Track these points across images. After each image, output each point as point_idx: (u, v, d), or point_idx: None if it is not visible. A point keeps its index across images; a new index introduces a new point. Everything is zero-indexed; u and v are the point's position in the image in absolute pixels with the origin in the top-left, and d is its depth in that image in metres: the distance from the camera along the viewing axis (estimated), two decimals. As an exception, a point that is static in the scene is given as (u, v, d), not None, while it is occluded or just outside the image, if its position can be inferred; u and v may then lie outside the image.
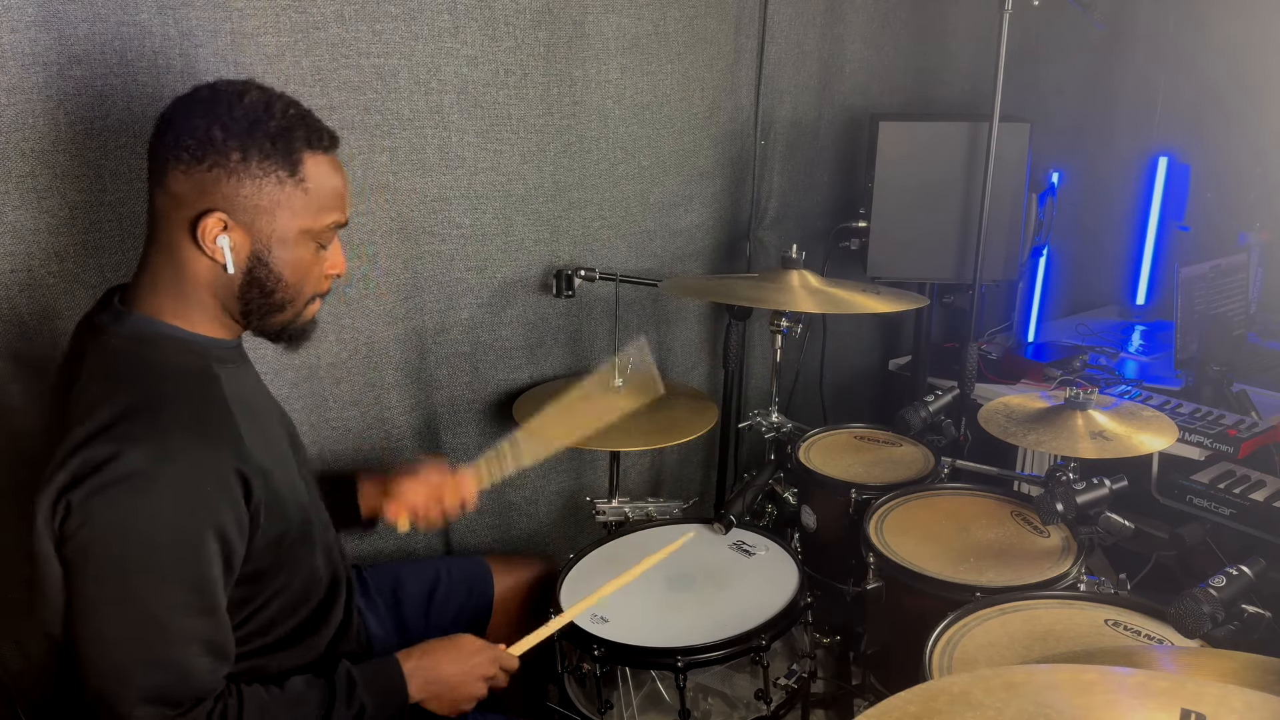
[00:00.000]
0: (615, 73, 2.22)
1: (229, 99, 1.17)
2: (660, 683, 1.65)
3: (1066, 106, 3.23)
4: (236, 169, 1.16)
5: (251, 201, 1.17)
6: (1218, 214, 3.20)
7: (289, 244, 1.21)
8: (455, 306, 2.10)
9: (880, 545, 1.70)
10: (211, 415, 1.19)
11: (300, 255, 1.23)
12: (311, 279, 1.27)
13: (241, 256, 1.20)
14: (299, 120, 1.21)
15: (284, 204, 1.19)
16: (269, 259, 1.21)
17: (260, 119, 1.17)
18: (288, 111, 1.20)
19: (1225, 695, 0.84)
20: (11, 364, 1.55)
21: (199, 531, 1.12)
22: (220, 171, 1.16)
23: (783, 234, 2.72)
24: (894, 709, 0.85)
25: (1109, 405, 1.79)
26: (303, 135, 1.20)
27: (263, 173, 1.17)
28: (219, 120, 1.16)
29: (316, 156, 1.21)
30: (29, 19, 1.45)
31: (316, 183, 1.21)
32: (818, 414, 2.88)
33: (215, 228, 1.17)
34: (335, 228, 1.26)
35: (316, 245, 1.25)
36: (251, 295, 1.22)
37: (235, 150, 1.15)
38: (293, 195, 1.20)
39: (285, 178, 1.19)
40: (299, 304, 1.27)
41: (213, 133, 1.15)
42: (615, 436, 2.02)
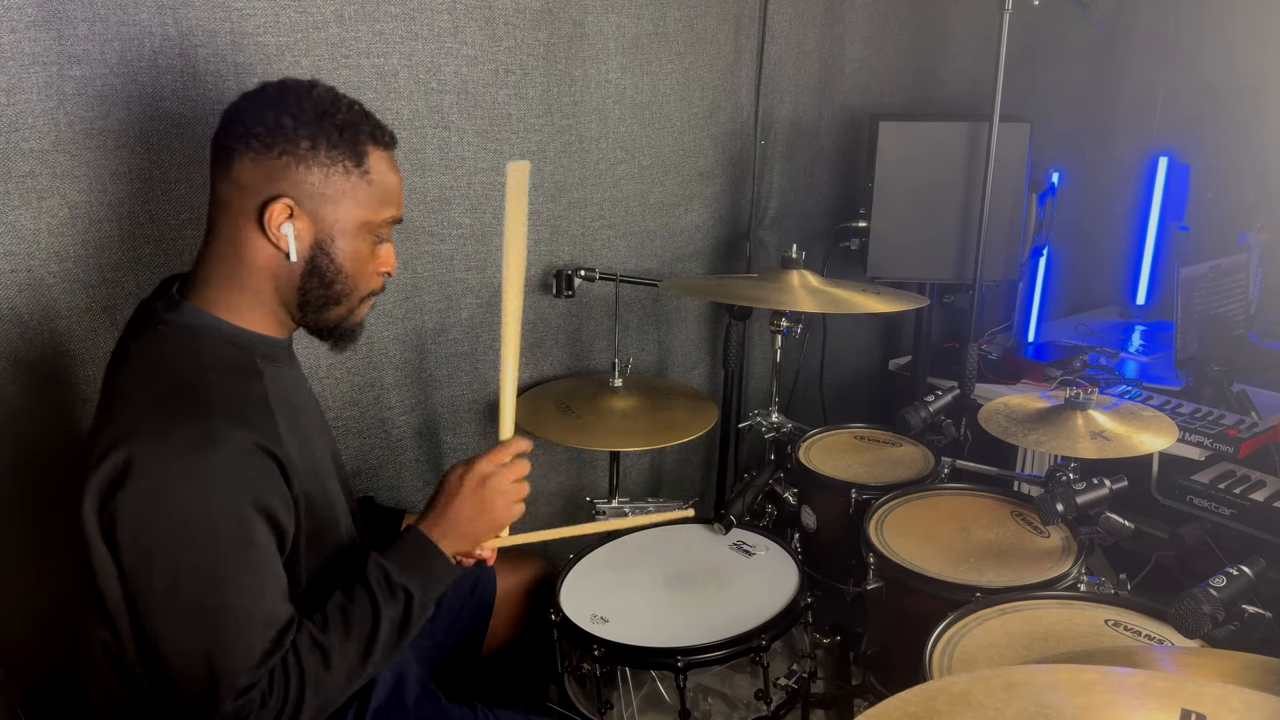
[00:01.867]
0: (615, 73, 2.22)
1: (298, 92, 1.21)
2: (660, 683, 1.65)
3: (1066, 106, 3.23)
4: (306, 156, 1.19)
5: (319, 189, 1.20)
6: (1218, 214, 3.20)
7: (350, 235, 1.24)
8: (455, 306, 2.10)
9: (880, 545, 1.70)
10: (249, 405, 1.19)
11: (359, 247, 1.26)
12: (367, 274, 1.29)
13: (305, 244, 1.22)
14: (364, 116, 1.25)
15: (349, 194, 1.22)
16: (331, 248, 1.23)
17: (329, 111, 1.21)
18: (353, 107, 1.25)
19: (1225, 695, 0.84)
20: (11, 364, 1.55)
21: (249, 512, 1.13)
22: (290, 159, 1.19)
23: (783, 234, 2.72)
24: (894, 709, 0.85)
25: (1109, 405, 1.79)
26: (368, 130, 1.24)
27: (330, 161, 1.20)
28: (289, 110, 1.19)
29: (379, 152, 1.25)
30: (29, 19, 1.45)
31: (379, 176, 1.25)
32: (818, 414, 2.88)
33: (282, 214, 1.19)
34: (392, 223, 1.29)
35: (374, 239, 1.27)
36: (311, 285, 1.24)
37: (305, 138, 1.19)
38: (358, 186, 1.23)
39: (351, 168, 1.22)
40: (354, 299, 1.29)
41: (283, 121, 1.18)
42: (615, 436, 2.02)
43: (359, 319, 1.33)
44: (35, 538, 1.61)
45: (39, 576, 1.62)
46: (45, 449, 1.60)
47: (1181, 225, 3.31)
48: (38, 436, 1.59)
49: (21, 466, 1.59)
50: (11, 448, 1.58)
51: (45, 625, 1.65)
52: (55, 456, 1.61)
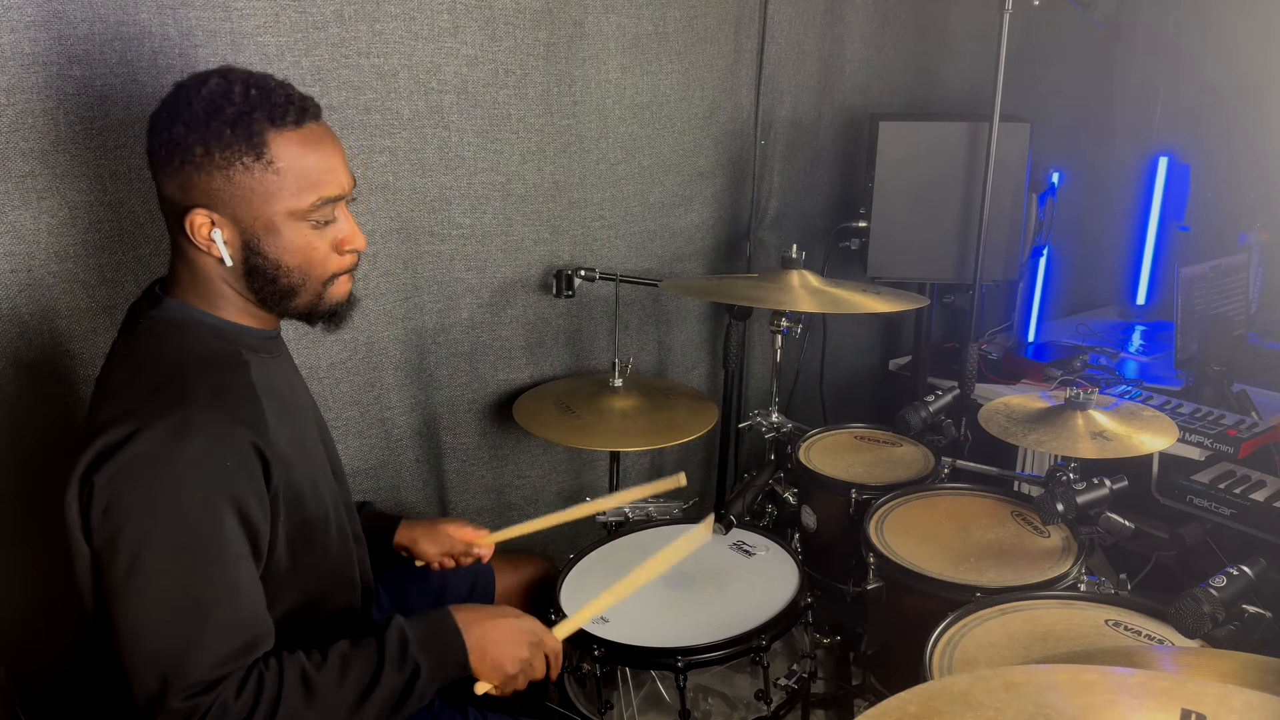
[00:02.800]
0: (615, 73, 2.22)
1: (190, 93, 1.15)
2: (660, 683, 1.65)
3: (1066, 106, 3.23)
4: (202, 163, 1.14)
5: (226, 193, 1.15)
6: (1218, 214, 3.20)
7: (276, 229, 1.18)
8: (455, 306, 2.10)
9: (880, 545, 1.70)
10: (233, 395, 1.18)
11: (293, 238, 1.19)
12: (317, 259, 1.22)
13: (235, 247, 1.19)
14: (260, 100, 1.16)
15: (257, 190, 1.16)
16: (260, 246, 1.19)
17: (218, 107, 1.14)
18: (248, 94, 1.15)
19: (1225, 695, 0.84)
20: (11, 364, 1.55)
21: (220, 504, 1.11)
22: (190, 168, 1.15)
23: (783, 234, 2.72)
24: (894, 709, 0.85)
25: (1109, 405, 1.79)
26: (263, 115, 1.15)
27: (226, 162, 1.14)
28: (180, 118, 1.14)
29: (284, 134, 1.16)
30: (29, 19, 1.45)
31: (288, 162, 1.16)
32: (818, 414, 2.88)
33: (203, 225, 1.17)
34: (325, 204, 1.20)
35: (308, 224, 1.20)
36: (256, 284, 1.21)
37: (197, 144, 1.14)
38: (263, 179, 1.16)
39: (251, 163, 1.15)
40: (314, 285, 1.24)
41: (175, 131, 1.14)
42: (615, 436, 2.02)
43: (336, 300, 1.27)
44: (35, 537, 1.61)
45: (39, 575, 1.62)
46: (45, 449, 1.60)
47: (1181, 225, 3.30)
48: (38, 436, 1.60)
49: (21, 466, 1.59)
50: (12, 447, 1.58)
51: (46, 624, 1.65)
52: (55, 456, 1.61)
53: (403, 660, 1.19)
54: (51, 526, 1.61)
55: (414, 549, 1.64)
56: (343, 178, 1.23)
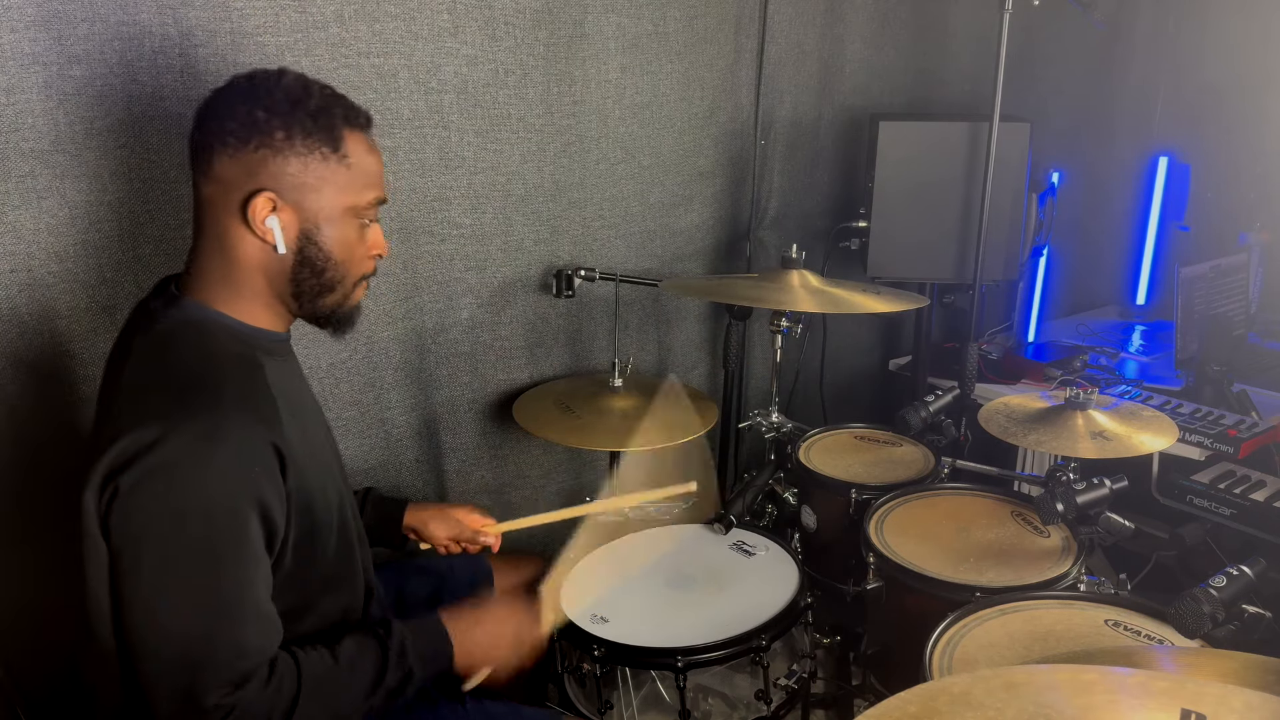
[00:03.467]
0: (615, 73, 2.22)
1: (267, 83, 1.20)
2: (660, 683, 1.65)
3: (1066, 106, 3.23)
4: (282, 147, 1.18)
5: (298, 179, 1.19)
6: (1218, 214, 3.20)
7: (336, 221, 1.23)
8: (455, 306, 2.10)
9: (880, 545, 1.70)
10: (255, 396, 1.19)
11: (346, 233, 1.25)
12: (357, 258, 1.28)
13: (291, 236, 1.21)
14: (336, 99, 1.23)
15: (330, 180, 1.21)
16: (318, 237, 1.23)
17: (300, 98, 1.19)
18: (325, 91, 1.23)
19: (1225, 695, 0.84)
20: (11, 364, 1.55)
21: (246, 509, 1.12)
22: (267, 151, 1.18)
23: (783, 234, 2.72)
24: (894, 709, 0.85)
25: (1109, 405, 1.79)
26: (341, 113, 1.22)
27: (307, 150, 1.19)
28: (260, 103, 1.18)
29: (355, 134, 1.24)
30: (29, 19, 1.45)
31: (358, 159, 1.23)
32: (818, 414, 2.88)
33: (265, 207, 1.19)
34: (376, 204, 1.28)
35: (360, 223, 1.26)
36: (303, 275, 1.24)
37: (279, 129, 1.18)
38: (337, 171, 1.21)
39: (329, 154, 1.21)
40: (348, 284, 1.28)
41: (256, 114, 1.17)
42: (615, 436, 2.02)
43: (354, 303, 1.32)
44: (36, 537, 1.61)
45: (39, 576, 1.62)
46: (45, 449, 1.60)
47: (1181, 225, 3.30)
48: (38, 436, 1.60)
49: (21, 466, 1.59)
50: (12, 447, 1.58)
51: (46, 625, 1.65)
52: (55, 456, 1.62)
53: (401, 663, 1.25)
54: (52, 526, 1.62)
55: (423, 531, 1.66)
56: (383, 185, 1.30)
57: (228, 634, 1.11)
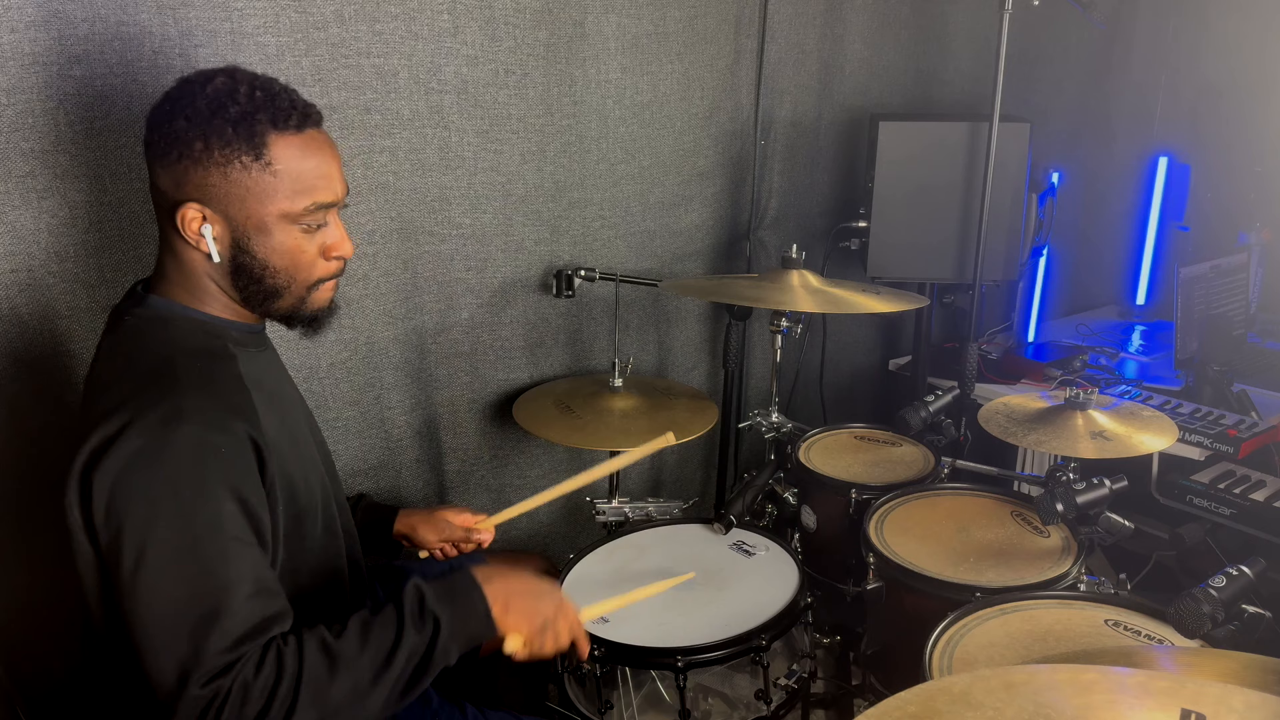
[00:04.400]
0: (615, 73, 2.22)
1: (195, 89, 1.17)
2: (660, 683, 1.65)
3: (1066, 106, 3.23)
4: (201, 158, 1.15)
5: (221, 189, 1.17)
6: (1217, 214, 3.20)
7: (268, 229, 1.19)
8: (455, 306, 2.10)
9: (880, 545, 1.70)
10: (224, 385, 1.18)
11: (283, 240, 1.21)
12: (304, 263, 1.23)
13: (224, 245, 1.20)
14: (265, 102, 1.17)
15: (252, 189, 1.17)
16: (250, 245, 1.20)
17: (222, 105, 1.15)
18: (253, 95, 1.17)
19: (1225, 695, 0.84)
20: (11, 364, 1.55)
21: (217, 489, 1.10)
22: (188, 162, 1.16)
23: (783, 234, 2.72)
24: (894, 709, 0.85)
25: (1109, 405, 1.79)
26: (266, 117, 1.17)
27: (225, 160, 1.15)
28: (183, 111, 1.16)
29: (285, 138, 1.18)
30: (29, 19, 1.45)
31: (285, 165, 1.18)
32: (818, 414, 2.88)
33: (194, 219, 1.18)
34: (318, 209, 1.22)
35: (300, 228, 1.21)
36: (241, 282, 1.22)
37: (198, 139, 1.15)
38: (260, 179, 1.17)
39: (250, 162, 1.16)
40: (297, 289, 1.25)
41: (176, 124, 1.15)
42: (615, 436, 2.02)
43: (318, 305, 1.29)
44: (36, 537, 1.61)
45: (40, 576, 1.62)
46: (45, 449, 1.60)
47: (1181, 225, 3.31)
48: (38, 436, 1.60)
49: (21, 466, 1.59)
50: (12, 447, 1.58)
51: (46, 625, 1.65)
52: (55, 456, 1.61)
53: (422, 618, 1.16)
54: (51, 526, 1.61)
55: (413, 537, 1.65)
56: (337, 185, 1.24)
57: (209, 616, 1.07)
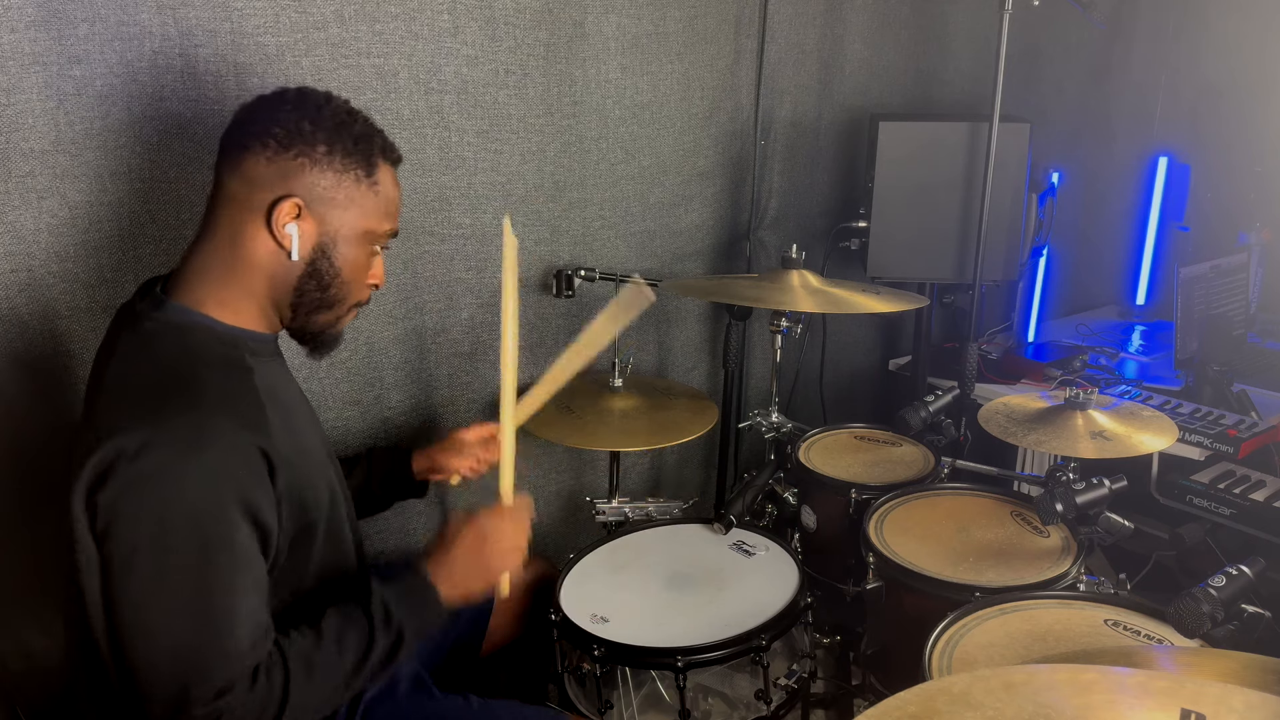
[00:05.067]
0: (615, 73, 2.22)
1: (317, 101, 1.26)
2: (660, 683, 1.65)
3: (1066, 106, 3.23)
4: (321, 160, 1.23)
5: (328, 194, 1.24)
6: (1217, 214, 3.20)
7: (352, 242, 1.27)
8: (455, 306, 2.10)
9: (880, 545, 1.70)
10: (244, 400, 1.19)
11: (358, 255, 1.29)
12: (360, 283, 1.32)
13: (308, 245, 1.25)
14: (377, 131, 1.30)
15: (357, 201, 1.26)
16: (333, 252, 1.27)
17: (345, 122, 1.26)
18: (368, 122, 1.30)
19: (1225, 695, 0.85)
20: (11, 364, 1.55)
21: (233, 513, 1.12)
22: (305, 160, 1.22)
23: (783, 234, 2.72)
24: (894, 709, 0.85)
25: (1109, 405, 1.79)
26: (380, 144, 1.29)
27: (344, 168, 1.24)
28: (308, 115, 1.23)
29: (387, 166, 1.30)
30: (29, 19, 1.45)
31: (385, 189, 1.30)
32: (818, 414, 2.88)
33: (290, 212, 1.22)
34: (390, 235, 1.33)
35: (372, 249, 1.31)
36: (308, 287, 1.27)
37: (323, 143, 1.23)
38: (366, 195, 1.27)
39: (363, 177, 1.26)
40: (345, 306, 1.32)
41: (303, 125, 1.22)
42: (615, 436, 2.02)
43: (342, 328, 1.36)
44: (35, 537, 1.61)
45: (40, 576, 1.62)
46: (45, 449, 1.60)
47: (1181, 225, 3.31)
48: (38, 436, 1.60)
49: (21, 466, 1.59)
50: (11, 448, 1.58)
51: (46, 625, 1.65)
52: (55, 457, 1.61)
53: (388, 624, 1.25)
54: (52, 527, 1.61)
55: (439, 467, 1.71)
56: (398, 219, 1.35)
57: (215, 643, 1.10)
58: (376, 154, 1.28)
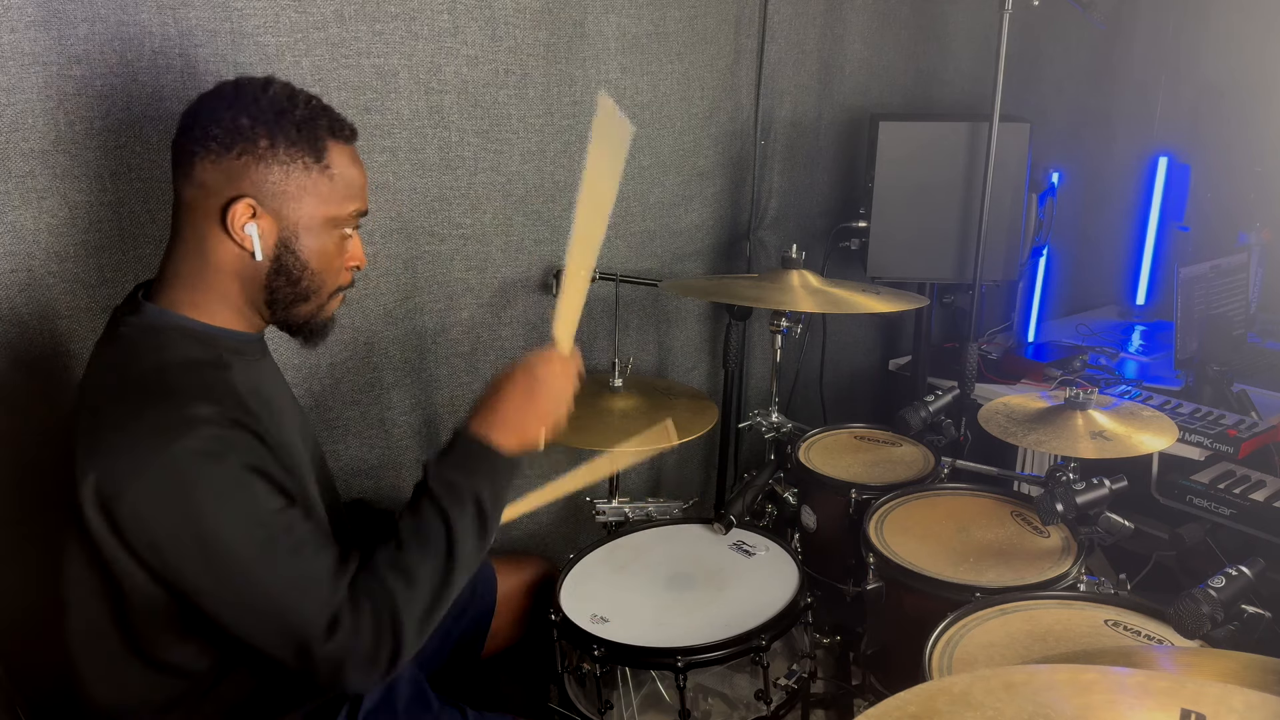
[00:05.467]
0: (615, 73, 2.22)
1: (253, 91, 1.20)
2: (660, 683, 1.65)
3: (1066, 106, 3.23)
4: (265, 155, 1.18)
5: (279, 187, 1.20)
6: (1217, 214, 3.20)
7: (315, 231, 1.23)
8: (455, 306, 2.10)
9: (880, 545, 1.70)
10: (217, 390, 1.19)
11: (325, 243, 1.25)
12: (334, 269, 1.28)
13: (269, 243, 1.22)
14: (322, 110, 1.24)
15: (310, 190, 1.22)
16: (296, 246, 1.23)
17: (286, 108, 1.20)
18: (310, 102, 1.23)
19: (1225, 695, 0.84)
20: (11, 364, 1.55)
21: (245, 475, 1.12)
22: (249, 158, 1.18)
23: (783, 234, 2.72)
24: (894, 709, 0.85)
25: (1109, 405, 1.79)
26: (326, 124, 1.23)
27: (289, 159, 1.20)
28: (246, 110, 1.18)
29: (339, 145, 1.24)
30: (29, 19, 1.45)
31: (340, 170, 1.24)
32: (818, 414, 2.88)
33: (244, 214, 1.19)
34: (357, 216, 1.29)
35: (340, 234, 1.27)
36: (278, 284, 1.24)
37: (263, 137, 1.18)
38: (319, 182, 1.22)
39: (311, 164, 1.21)
40: (323, 295, 1.29)
41: (240, 121, 1.18)
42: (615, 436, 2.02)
43: (329, 314, 1.33)
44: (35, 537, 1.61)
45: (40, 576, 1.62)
46: (45, 449, 1.60)
47: (1181, 225, 3.31)
48: (38, 436, 1.59)
49: (21, 466, 1.59)
50: (11, 448, 1.58)
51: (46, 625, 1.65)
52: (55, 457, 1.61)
53: (460, 499, 1.22)
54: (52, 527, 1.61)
55: None
56: (367, 197, 1.30)
57: (296, 593, 1.12)
58: (324, 136, 1.22)
